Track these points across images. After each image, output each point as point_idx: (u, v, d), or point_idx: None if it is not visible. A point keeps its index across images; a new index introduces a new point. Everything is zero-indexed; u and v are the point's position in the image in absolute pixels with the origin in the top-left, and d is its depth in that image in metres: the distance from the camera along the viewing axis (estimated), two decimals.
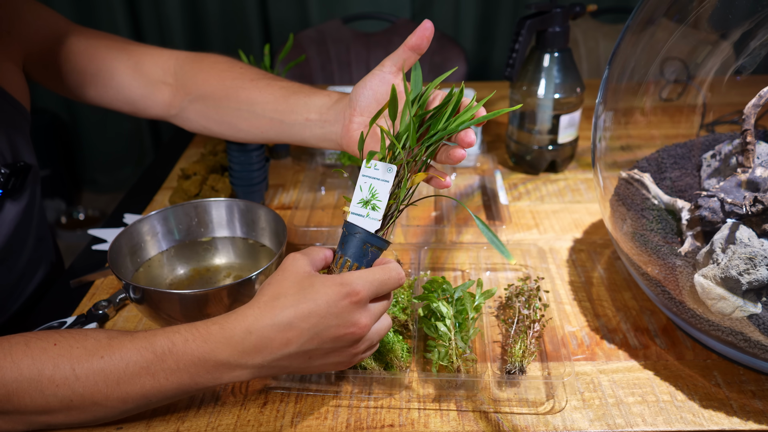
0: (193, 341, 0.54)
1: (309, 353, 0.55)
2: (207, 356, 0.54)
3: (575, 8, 1.01)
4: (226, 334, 0.54)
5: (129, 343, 0.55)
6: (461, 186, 1.06)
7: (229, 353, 0.54)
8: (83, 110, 2.56)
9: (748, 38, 0.73)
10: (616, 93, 0.78)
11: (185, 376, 0.55)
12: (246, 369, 0.55)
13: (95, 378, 0.54)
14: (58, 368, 0.54)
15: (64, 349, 0.55)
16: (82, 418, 0.56)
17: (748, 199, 0.63)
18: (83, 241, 2.35)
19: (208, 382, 0.55)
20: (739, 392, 0.64)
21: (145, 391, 0.55)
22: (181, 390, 0.56)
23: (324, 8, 2.26)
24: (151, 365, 0.54)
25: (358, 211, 0.58)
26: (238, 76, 0.81)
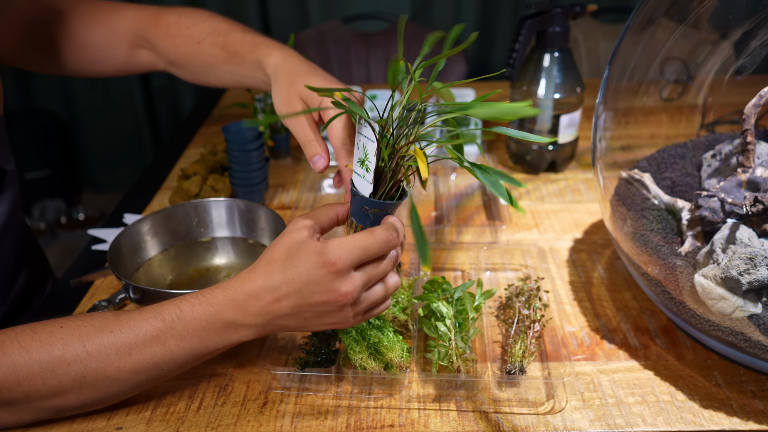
0: (199, 305, 0.56)
1: (302, 315, 0.56)
2: (214, 318, 0.56)
3: (575, 8, 1.01)
4: (228, 296, 0.56)
5: (137, 316, 0.57)
6: (461, 186, 1.06)
7: (233, 313, 0.56)
8: (83, 110, 2.56)
9: (748, 38, 0.73)
10: (616, 93, 0.78)
11: (195, 341, 0.56)
12: (250, 328, 0.57)
13: (107, 351, 0.55)
14: (69, 347, 0.54)
15: (72, 329, 0.56)
16: (94, 395, 0.57)
17: (749, 199, 0.63)
18: (83, 241, 2.35)
19: (217, 344, 0.57)
20: (739, 392, 0.64)
21: (156, 360, 0.56)
22: (192, 355, 0.57)
23: (324, 8, 2.26)
24: (161, 333, 0.56)
25: (358, 171, 0.58)
26: (186, 40, 0.83)
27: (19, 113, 2.53)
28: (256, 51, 0.77)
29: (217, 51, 0.81)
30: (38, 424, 0.61)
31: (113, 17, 0.87)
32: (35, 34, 0.85)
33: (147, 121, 2.55)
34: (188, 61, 0.84)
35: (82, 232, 2.48)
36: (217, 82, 0.85)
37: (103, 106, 2.54)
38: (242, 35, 0.80)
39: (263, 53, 0.76)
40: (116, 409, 0.63)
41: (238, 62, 0.79)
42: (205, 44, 0.82)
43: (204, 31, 0.83)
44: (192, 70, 0.85)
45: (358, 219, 0.59)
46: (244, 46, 0.78)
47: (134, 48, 0.89)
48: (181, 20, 0.85)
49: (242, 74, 0.80)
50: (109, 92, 2.52)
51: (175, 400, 0.65)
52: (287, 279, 0.55)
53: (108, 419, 0.62)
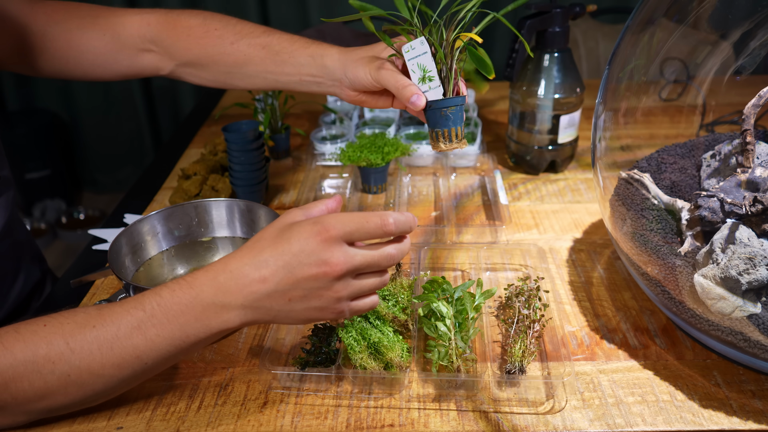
0: (179, 289, 0.55)
1: (287, 294, 0.56)
2: (193, 301, 0.55)
3: (575, 8, 1.01)
4: (209, 275, 0.56)
5: (119, 308, 0.56)
6: (461, 186, 1.07)
7: (212, 293, 0.55)
8: (83, 110, 2.56)
9: (747, 38, 0.73)
10: (616, 93, 0.78)
11: (175, 328, 0.55)
12: (231, 311, 0.56)
13: (89, 347, 0.54)
14: (52, 345, 0.54)
15: (55, 327, 0.55)
16: (80, 394, 0.56)
17: (748, 199, 0.63)
18: (83, 241, 2.35)
19: (199, 331, 0.56)
20: (738, 392, 0.64)
21: (138, 352, 0.55)
22: (174, 345, 0.56)
23: (324, 8, 2.26)
24: (142, 323, 0.55)
25: (423, 88, 0.67)
26: (216, 41, 0.84)
27: (19, 113, 2.53)
28: (312, 47, 0.80)
29: (255, 51, 0.82)
30: (38, 424, 0.61)
31: (116, 22, 0.88)
32: (35, 40, 0.85)
33: (147, 121, 2.55)
34: (215, 60, 0.85)
35: (83, 232, 2.49)
36: (242, 83, 0.86)
37: (104, 106, 2.55)
38: (287, 36, 0.83)
39: (321, 48, 0.79)
40: (116, 409, 0.63)
41: (284, 60, 0.80)
42: (239, 44, 0.83)
43: (238, 32, 0.84)
44: (217, 70, 0.86)
45: (442, 125, 0.67)
46: (294, 44, 0.81)
47: (139, 52, 0.89)
48: (208, 22, 0.86)
49: (283, 72, 0.81)
50: (110, 92, 2.52)
51: (176, 399, 0.65)
52: (276, 251, 0.55)
53: (108, 419, 0.62)
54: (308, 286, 0.55)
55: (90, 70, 0.90)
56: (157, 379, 0.67)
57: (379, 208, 1.00)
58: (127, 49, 0.88)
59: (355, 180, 1.05)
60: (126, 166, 2.69)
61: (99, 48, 0.88)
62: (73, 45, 0.87)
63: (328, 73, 0.77)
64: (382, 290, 0.73)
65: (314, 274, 0.55)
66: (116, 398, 0.64)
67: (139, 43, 0.88)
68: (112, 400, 0.64)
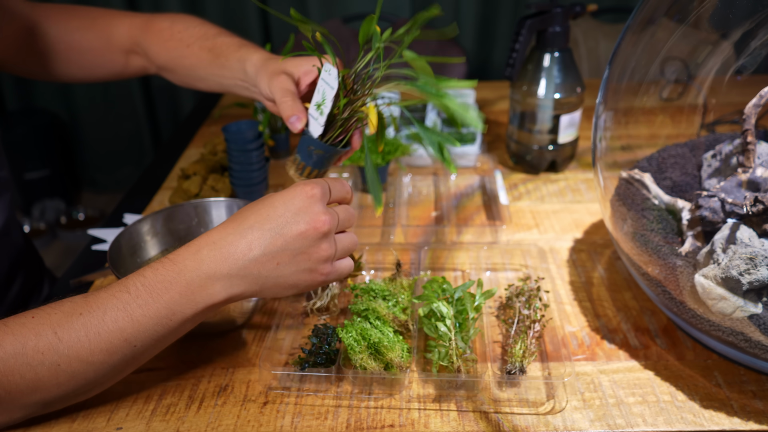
0: (162, 267, 0.55)
1: (276, 257, 0.56)
2: (177, 277, 0.55)
3: (575, 8, 1.01)
4: (191, 249, 0.56)
5: (104, 293, 0.55)
6: (461, 186, 1.06)
7: (196, 266, 0.55)
8: (83, 110, 2.56)
9: (748, 38, 0.73)
10: (617, 93, 0.78)
11: (161, 307, 0.55)
12: (217, 282, 0.55)
13: (77, 335, 0.54)
14: (41, 336, 0.54)
15: (43, 318, 0.55)
16: (73, 384, 0.55)
17: (749, 199, 0.63)
18: (83, 241, 2.35)
19: (185, 307, 0.55)
20: (739, 392, 0.64)
21: (126, 335, 0.54)
22: (161, 324, 0.55)
23: (324, 8, 2.26)
24: (127, 305, 0.54)
25: (313, 113, 0.63)
26: (177, 43, 0.86)
27: (19, 113, 2.53)
28: (241, 50, 0.80)
29: (204, 53, 0.84)
30: (38, 424, 0.61)
31: (111, 23, 0.90)
32: (39, 41, 0.86)
33: (147, 121, 2.55)
34: (176, 64, 0.87)
35: (82, 232, 2.48)
36: (202, 85, 0.88)
37: (103, 106, 2.54)
38: (230, 39, 0.84)
39: (248, 51, 0.79)
40: (116, 410, 0.63)
41: (222, 63, 0.81)
42: (194, 47, 0.85)
43: (194, 35, 0.86)
44: (179, 72, 0.88)
45: (302, 156, 0.63)
46: (230, 47, 0.82)
47: (128, 54, 0.92)
48: (174, 25, 0.88)
49: (223, 76, 0.82)
50: (109, 92, 2.52)
51: (175, 400, 0.65)
52: (261, 217, 0.55)
53: (108, 419, 0.62)
54: (297, 246, 0.56)
55: (90, 70, 0.92)
56: (157, 379, 0.67)
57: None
58: (119, 51, 0.91)
59: (355, 180, 1.05)
60: (126, 166, 2.69)
61: (97, 49, 0.90)
62: (74, 46, 0.89)
63: (249, 78, 0.78)
64: (382, 290, 0.73)
65: (303, 232, 0.56)
66: (116, 398, 0.64)
67: (127, 46, 0.91)
68: (112, 400, 0.64)
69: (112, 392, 0.65)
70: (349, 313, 0.72)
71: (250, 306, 0.71)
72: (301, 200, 0.56)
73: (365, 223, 0.96)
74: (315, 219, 0.56)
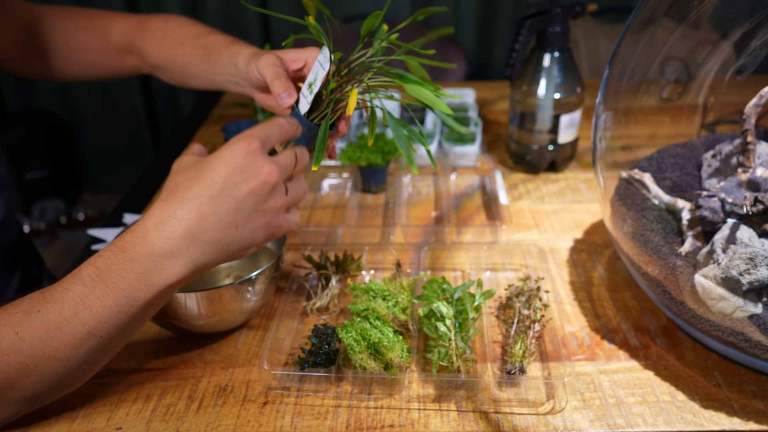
0: (113, 256, 0.54)
1: (232, 220, 0.55)
2: (130, 264, 0.53)
3: (575, 8, 1.01)
4: (138, 234, 0.54)
5: (59, 287, 0.54)
6: (461, 186, 1.06)
7: (148, 250, 0.53)
8: (83, 110, 2.56)
9: (748, 38, 0.73)
10: (617, 93, 0.78)
11: (119, 295, 0.53)
12: (173, 259, 0.54)
13: (38, 333, 0.53)
14: (3, 337, 0.53)
15: (4, 318, 0.54)
16: (47, 381, 0.55)
17: (749, 199, 0.63)
18: (83, 241, 2.34)
19: (144, 292, 0.54)
20: (739, 392, 0.64)
21: (88, 327, 0.53)
22: (123, 312, 0.54)
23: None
24: (85, 297, 0.53)
25: (305, 91, 0.64)
26: (171, 42, 0.87)
27: (19, 113, 2.53)
28: (233, 46, 0.80)
29: (197, 51, 0.84)
30: (38, 423, 0.61)
31: (107, 23, 0.92)
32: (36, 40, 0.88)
33: (147, 121, 2.55)
34: (169, 62, 0.88)
35: (82, 232, 2.48)
36: (194, 82, 0.88)
37: (103, 106, 2.55)
38: (221, 37, 0.84)
39: (239, 47, 0.80)
40: (116, 410, 0.63)
41: (214, 60, 0.82)
42: (186, 46, 0.86)
43: (187, 34, 0.87)
44: (172, 71, 0.89)
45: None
46: (222, 44, 0.82)
47: (124, 53, 0.93)
48: (167, 25, 0.89)
49: (215, 72, 0.82)
50: (109, 92, 2.52)
51: (175, 400, 0.65)
52: (205, 183, 0.54)
53: (108, 419, 0.62)
54: (250, 203, 0.55)
55: (87, 69, 0.93)
56: (157, 379, 0.67)
57: (379, 208, 1.00)
58: (115, 50, 0.93)
59: (355, 180, 1.05)
60: (125, 166, 2.69)
61: (94, 48, 0.91)
62: (73, 45, 0.90)
63: (239, 72, 0.78)
64: (382, 290, 0.73)
65: (253, 188, 0.55)
66: (116, 398, 0.64)
67: (123, 45, 0.92)
68: (112, 400, 0.64)
69: (112, 392, 0.65)
70: (348, 313, 0.72)
71: (250, 306, 0.71)
72: (243, 157, 0.54)
73: (365, 223, 0.96)
74: (261, 172, 0.55)
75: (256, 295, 0.71)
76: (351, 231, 0.91)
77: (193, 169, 0.56)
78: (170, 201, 0.55)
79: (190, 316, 0.67)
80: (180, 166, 0.58)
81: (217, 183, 0.54)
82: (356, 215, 0.98)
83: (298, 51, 0.73)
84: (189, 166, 0.57)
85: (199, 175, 0.55)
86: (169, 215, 0.54)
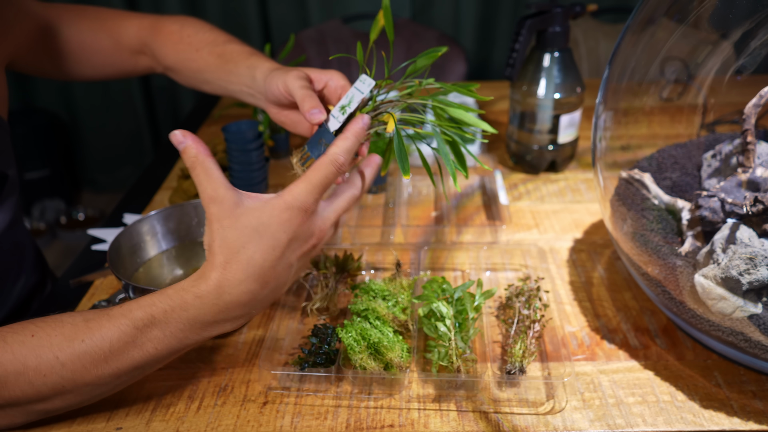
0: (172, 311, 0.54)
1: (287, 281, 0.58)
2: (191, 321, 0.55)
3: (575, 8, 1.01)
4: (203, 300, 0.54)
5: (107, 323, 0.55)
6: (461, 186, 1.06)
7: (213, 315, 0.55)
8: (83, 110, 2.56)
9: (748, 38, 0.73)
10: (617, 93, 0.78)
11: (174, 342, 0.55)
12: (234, 321, 0.57)
13: (81, 361, 0.54)
14: (41, 359, 0.54)
15: (43, 339, 0.54)
16: (78, 399, 0.57)
17: (749, 199, 0.63)
18: (83, 241, 2.34)
19: (197, 340, 0.57)
20: (739, 392, 0.64)
21: (135, 363, 0.55)
22: (173, 353, 0.57)
23: (324, 8, 2.26)
24: (136, 339, 0.54)
25: (335, 113, 0.64)
26: (186, 47, 0.88)
27: (19, 113, 2.53)
28: (252, 58, 0.80)
29: (213, 59, 0.84)
30: (38, 424, 0.61)
31: (120, 24, 0.92)
32: (49, 40, 0.88)
33: (147, 121, 2.55)
34: (184, 66, 0.89)
35: (82, 232, 2.48)
36: (207, 87, 0.89)
37: (103, 106, 2.54)
38: (240, 47, 0.85)
39: (258, 59, 0.80)
40: (116, 410, 0.63)
41: (230, 69, 0.82)
42: (203, 52, 0.86)
43: (204, 40, 0.87)
44: (186, 74, 0.90)
45: (310, 147, 0.63)
46: (240, 55, 0.82)
47: (136, 54, 0.94)
48: (183, 29, 0.89)
49: (230, 81, 0.83)
50: (109, 92, 2.52)
51: (175, 400, 0.65)
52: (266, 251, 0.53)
53: (108, 419, 0.62)
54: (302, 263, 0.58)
55: (100, 69, 0.94)
56: (157, 379, 0.67)
57: (379, 208, 1.00)
58: (128, 52, 0.93)
59: None
60: (125, 165, 2.69)
61: (107, 49, 0.92)
62: (86, 46, 0.91)
63: (256, 85, 0.77)
64: (381, 290, 0.73)
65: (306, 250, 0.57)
66: (115, 399, 0.64)
67: (136, 46, 0.92)
68: (112, 400, 0.64)
69: None
70: (348, 313, 0.72)
71: None
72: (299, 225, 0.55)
73: (365, 223, 0.96)
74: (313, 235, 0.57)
75: None
76: (351, 231, 0.91)
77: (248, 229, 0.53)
78: (233, 270, 0.53)
79: None
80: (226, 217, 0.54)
81: (279, 251, 0.54)
82: (356, 215, 0.98)
83: (321, 72, 0.71)
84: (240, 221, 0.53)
85: (259, 242, 0.53)
86: (234, 286, 0.54)
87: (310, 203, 0.55)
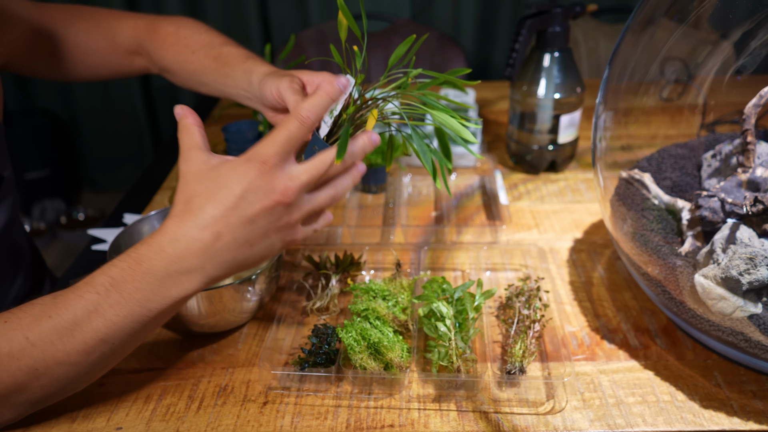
0: (128, 267, 0.54)
1: (247, 240, 0.55)
2: (145, 276, 0.54)
3: (575, 8, 1.01)
4: (154, 248, 0.54)
5: (71, 294, 0.55)
6: (461, 186, 1.06)
7: (164, 265, 0.54)
8: (83, 110, 2.56)
9: (748, 38, 0.73)
10: (617, 93, 0.78)
11: (134, 305, 0.54)
12: (191, 275, 0.55)
13: (50, 338, 0.53)
14: (13, 341, 0.53)
15: (14, 322, 0.54)
16: (56, 385, 0.56)
17: (749, 199, 0.63)
18: (83, 241, 2.35)
19: (159, 303, 0.55)
20: (739, 392, 0.64)
21: (100, 334, 0.54)
22: (136, 321, 0.55)
23: (324, 8, 2.26)
24: (98, 305, 0.54)
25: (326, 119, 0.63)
26: (182, 49, 0.87)
27: (19, 113, 2.53)
28: (248, 62, 0.80)
29: (210, 61, 0.84)
30: (38, 423, 0.61)
31: (115, 25, 0.91)
32: (44, 41, 0.88)
33: (147, 121, 2.55)
34: (180, 68, 0.88)
35: (82, 232, 2.48)
36: (203, 89, 0.89)
37: (103, 106, 2.55)
38: (236, 49, 0.84)
39: (255, 63, 0.79)
40: (116, 410, 0.63)
41: (227, 72, 0.82)
42: (199, 54, 0.86)
43: (200, 42, 0.87)
44: (182, 76, 0.89)
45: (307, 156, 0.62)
46: (237, 58, 0.82)
47: (132, 55, 0.93)
48: (179, 31, 0.89)
49: (227, 84, 0.82)
50: (109, 92, 2.52)
51: (175, 400, 0.65)
52: (220, 203, 0.53)
53: (108, 419, 0.62)
54: (265, 222, 0.55)
55: (95, 70, 0.93)
56: (157, 379, 0.67)
57: (379, 208, 1.00)
58: (124, 52, 0.92)
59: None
60: (125, 166, 2.69)
61: (103, 50, 0.91)
62: (81, 46, 0.90)
63: (252, 88, 0.77)
64: (382, 290, 0.73)
65: (267, 207, 0.54)
66: (116, 398, 0.64)
67: (131, 47, 0.92)
68: (112, 400, 0.64)
69: (112, 392, 0.65)
70: (349, 313, 0.72)
71: (250, 306, 0.71)
72: (256, 176, 0.53)
73: (365, 223, 0.96)
74: (274, 191, 0.54)
75: (256, 295, 0.71)
76: (351, 231, 0.91)
77: (206, 181, 0.55)
78: (185, 218, 0.54)
79: (190, 316, 0.67)
80: (191, 172, 0.56)
81: (231, 202, 0.53)
82: (356, 215, 0.98)
83: (312, 75, 0.71)
84: (201, 175, 0.55)
85: (213, 192, 0.54)
86: (184, 233, 0.54)
87: (270, 155, 0.54)
